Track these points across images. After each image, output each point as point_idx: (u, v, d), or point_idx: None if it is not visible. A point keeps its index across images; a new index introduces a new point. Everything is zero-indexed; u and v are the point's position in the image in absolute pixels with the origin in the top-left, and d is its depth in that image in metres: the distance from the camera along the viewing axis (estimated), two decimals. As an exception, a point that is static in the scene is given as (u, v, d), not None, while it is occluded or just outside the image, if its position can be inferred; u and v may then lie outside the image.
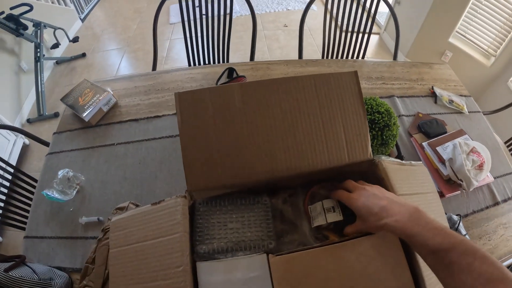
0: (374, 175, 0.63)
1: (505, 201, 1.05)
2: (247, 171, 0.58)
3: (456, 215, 0.93)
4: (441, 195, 1.02)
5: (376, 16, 3.60)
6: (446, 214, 0.92)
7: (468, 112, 1.30)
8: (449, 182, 1.04)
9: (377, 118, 0.85)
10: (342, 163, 0.59)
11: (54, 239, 0.96)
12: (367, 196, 0.54)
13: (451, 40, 2.59)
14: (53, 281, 0.75)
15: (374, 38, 3.47)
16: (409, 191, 0.60)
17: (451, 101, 1.31)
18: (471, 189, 1.00)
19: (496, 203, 1.04)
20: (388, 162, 0.62)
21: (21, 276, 0.69)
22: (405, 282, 0.50)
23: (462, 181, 0.99)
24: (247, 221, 0.59)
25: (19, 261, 0.73)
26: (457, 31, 2.56)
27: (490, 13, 2.30)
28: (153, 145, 1.17)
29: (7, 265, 0.70)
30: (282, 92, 0.59)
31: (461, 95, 1.37)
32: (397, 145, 1.03)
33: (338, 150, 0.59)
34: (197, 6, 1.70)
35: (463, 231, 0.91)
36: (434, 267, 0.47)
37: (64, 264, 0.90)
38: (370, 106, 0.88)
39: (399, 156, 1.01)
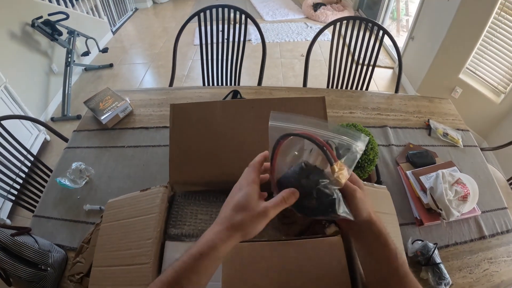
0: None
1: (493, 235, 1.03)
2: (220, 172, 0.69)
3: (434, 244, 0.93)
4: (420, 223, 1.04)
5: (392, 51, 3.71)
6: (422, 241, 0.96)
7: (464, 146, 1.32)
8: (430, 212, 1.06)
9: (354, 142, 0.93)
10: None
11: (59, 220, 1.08)
12: (367, 202, 0.51)
13: (461, 76, 2.61)
14: (51, 253, 0.86)
15: (388, 72, 3.56)
16: None
17: (445, 134, 1.34)
18: (451, 219, 1.00)
19: (483, 237, 1.02)
20: (349, 178, 0.69)
21: (24, 242, 0.80)
22: (343, 282, 0.56)
23: (441, 210, 1.01)
24: (215, 214, 0.68)
25: (25, 230, 0.85)
26: (467, 68, 2.58)
27: (500, 50, 2.33)
28: (158, 151, 1.29)
29: (14, 232, 0.82)
30: (255, 111, 0.72)
31: (458, 129, 1.40)
32: (377, 171, 1.09)
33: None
34: (220, 31, 1.86)
35: (438, 260, 0.91)
36: (390, 273, 0.50)
37: (63, 242, 1.01)
38: (348, 131, 0.96)
39: (378, 181, 1.07)
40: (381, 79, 3.45)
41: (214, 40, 1.87)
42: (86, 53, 3.70)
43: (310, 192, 0.43)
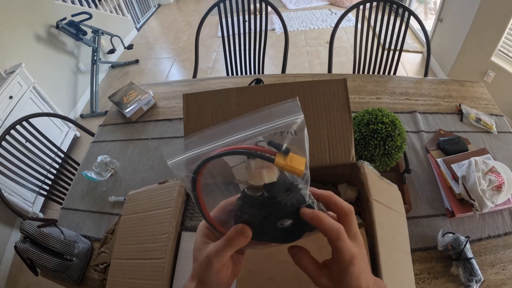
0: (357, 179, 0.67)
1: (529, 229, 0.95)
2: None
3: (465, 237, 0.88)
4: (452, 214, 0.98)
5: (420, 34, 3.52)
6: (453, 233, 0.90)
7: (498, 132, 1.24)
8: (462, 202, 1.00)
9: (380, 128, 0.89)
10: (323, 164, 0.64)
11: (85, 212, 1.13)
12: (366, 265, 0.36)
13: (493, 59, 2.46)
14: (76, 244, 0.89)
15: (417, 57, 3.39)
16: (382, 201, 0.63)
17: (478, 120, 1.27)
18: (484, 211, 0.94)
19: (518, 230, 0.95)
20: (369, 169, 0.65)
21: (50, 233, 0.84)
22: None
23: (474, 201, 0.95)
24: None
25: (51, 222, 0.89)
26: (499, 50, 2.42)
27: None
28: (181, 142, 1.28)
29: (40, 223, 0.86)
30: (272, 96, 0.68)
31: (491, 114, 1.31)
32: (406, 159, 1.04)
33: (320, 152, 0.65)
34: (242, 21, 1.84)
35: (469, 254, 0.86)
36: None
37: (89, 233, 1.05)
38: (374, 116, 0.91)
39: (407, 170, 1.01)
40: (410, 64, 3.30)
41: (236, 31, 1.86)
42: (112, 51, 3.81)
43: (278, 213, 0.32)
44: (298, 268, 0.51)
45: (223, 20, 1.82)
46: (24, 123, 1.42)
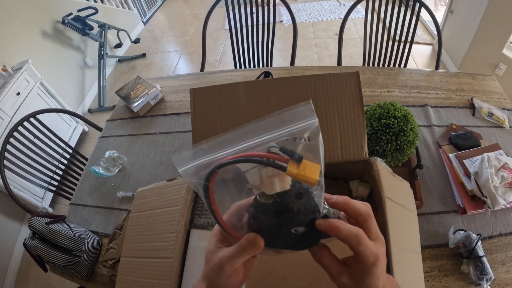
0: (369, 176, 0.65)
1: (541, 227, 0.93)
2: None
3: (477, 234, 0.86)
4: (463, 211, 0.97)
5: (430, 26, 3.45)
6: (465, 231, 0.89)
7: (510, 127, 1.21)
8: (474, 199, 0.98)
9: (392, 123, 0.87)
10: (335, 161, 0.63)
11: (94, 207, 1.13)
12: (385, 263, 0.37)
13: (505, 51, 2.40)
14: (85, 239, 0.90)
15: (427, 49, 3.32)
16: (395, 199, 0.62)
17: (490, 114, 1.24)
18: (496, 208, 0.92)
19: (529, 228, 0.92)
20: (382, 166, 0.64)
21: (58, 230, 0.84)
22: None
23: (486, 198, 0.93)
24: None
25: (59, 218, 0.89)
26: (511, 42, 2.36)
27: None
28: (189, 137, 1.30)
29: (49, 220, 0.86)
30: (282, 91, 0.66)
31: (504, 109, 1.28)
32: (418, 154, 1.02)
33: (332, 148, 0.63)
34: (253, 13, 1.81)
35: (481, 252, 0.84)
36: None
37: (98, 229, 1.06)
38: (386, 111, 0.89)
39: (419, 165, 0.99)
40: (420, 57, 3.23)
41: (244, 24, 1.84)
42: (119, 45, 3.81)
43: (291, 220, 0.31)
44: (308, 267, 0.51)
45: (230, 12, 1.80)
46: (32, 119, 1.43)
